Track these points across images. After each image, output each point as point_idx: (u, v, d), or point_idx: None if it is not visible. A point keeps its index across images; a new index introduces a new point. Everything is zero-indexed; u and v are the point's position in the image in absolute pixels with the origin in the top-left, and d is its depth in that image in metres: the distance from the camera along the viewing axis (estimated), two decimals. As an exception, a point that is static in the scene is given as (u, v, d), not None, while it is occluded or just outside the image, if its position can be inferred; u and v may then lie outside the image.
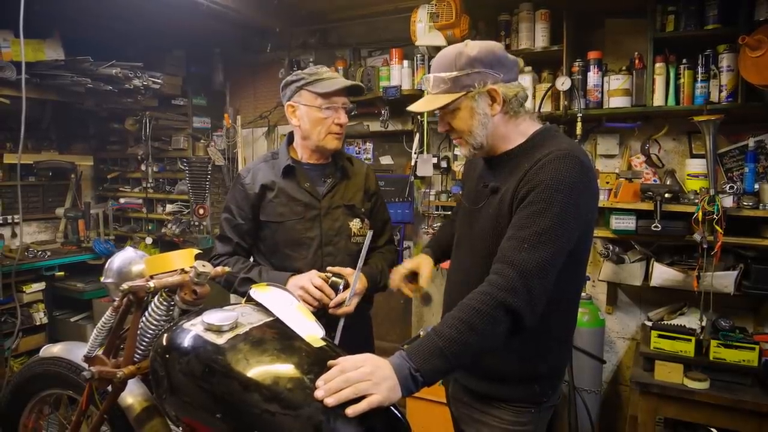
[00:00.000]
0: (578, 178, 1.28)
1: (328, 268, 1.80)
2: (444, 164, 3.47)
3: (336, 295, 1.74)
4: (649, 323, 2.71)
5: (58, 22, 3.38)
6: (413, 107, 1.49)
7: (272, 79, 4.03)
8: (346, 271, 1.80)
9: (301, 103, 1.83)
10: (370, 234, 1.77)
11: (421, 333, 2.96)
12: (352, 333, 1.77)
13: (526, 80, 2.99)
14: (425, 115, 3.33)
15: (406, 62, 3.38)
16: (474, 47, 1.36)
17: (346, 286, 1.76)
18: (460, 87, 1.36)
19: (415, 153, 3.44)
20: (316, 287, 1.72)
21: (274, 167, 1.92)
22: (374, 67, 3.52)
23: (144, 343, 1.52)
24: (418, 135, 3.43)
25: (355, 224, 1.92)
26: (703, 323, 2.53)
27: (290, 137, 1.99)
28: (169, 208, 4.23)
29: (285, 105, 1.89)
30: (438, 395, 1.73)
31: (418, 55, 3.32)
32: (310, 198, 1.89)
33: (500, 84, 1.36)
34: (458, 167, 3.40)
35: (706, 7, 2.56)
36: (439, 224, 3.38)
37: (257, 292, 1.44)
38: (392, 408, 1.18)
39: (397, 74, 3.39)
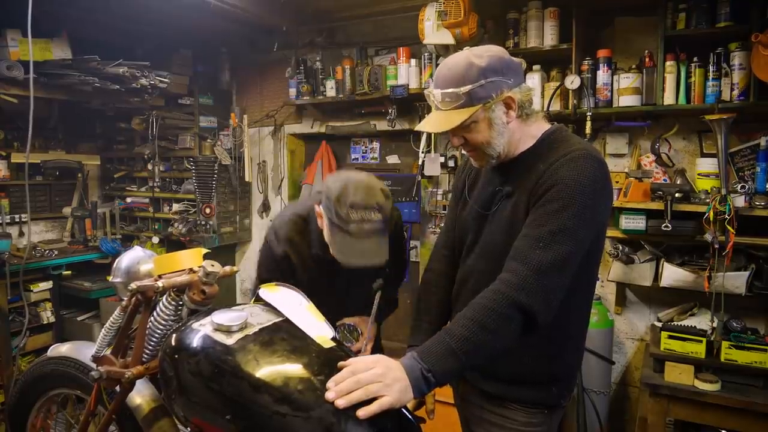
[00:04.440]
0: (598, 178, 1.26)
1: (344, 320, 1.76)
2: (451, 163, 3.45)
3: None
4: (659, 324, 2.69)
5: (66, 21, 3.38)
6: (426, 127, 1.41)
7: (279, 78, 4.02)
8: (356, 319, 1.78)
9: (324, 222, 1.61)
10: (380, 282, 1.62)
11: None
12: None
13: (534, 79, 2.97)
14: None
15: (413, 61, 3.37)
16: (482, 56, 1.30)
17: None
18: (476, 100, 1.29)
19: (422, 152, 3.43)
20: None
21: (307, 245, 1.74)
22: (381, 65, 3.51)
23: (152, 343, 1.51)
24: (425, 134, 3.41)
25: (376, 284, 1.81)
26: (714, 324, 2.51)
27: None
28: (175, 207, 4.23)
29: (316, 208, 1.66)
30: (445, 396, 1.72)
31: (426, 54, 3.30)
32: (336, 272, 1.68)
33: (514, 90, 1.33)
34: (461, 165, 3.38)
35: (718, 5, 2.53)
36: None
37: (266, 292, 1.43)
38: (403, 410, 1.17)
39: (405, 73, 3.37)
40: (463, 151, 1.46)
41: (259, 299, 1.43)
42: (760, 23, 2.41)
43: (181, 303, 1.50)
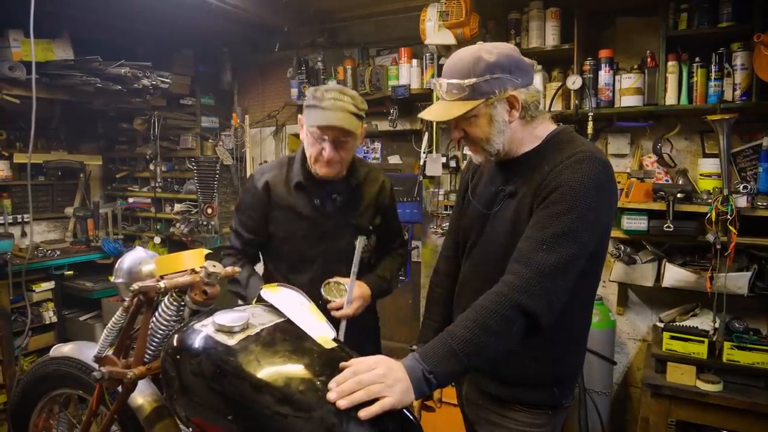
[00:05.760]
0: (602, 181, 1.26)
1: (329, 281, 1.81)
2: (453, 164, 3.45)
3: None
4: (661, 324, 2.68)
5: (68, 21, 3.39)
6: (427, 115, 1.42)
7: (280, 78, 4.03)
8: (345, 279, 1.82)
9: (303, 122, 1.82)
10: (362, 240, 1.76)
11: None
12: (355, 331, 1.77)
13: (536, 79, 2.96)
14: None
15: (415, 61, 3.37)
16: (492, 52, 1.30)
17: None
18: (479, 94, 1.30)
19: (423, 152, 3.43)
20: None
21: (288, 179, 1.91)
22: (383, 66, 3.51)
23: (154, 344, 1.51)
24: (426, 134, 3.41)
25: (361, 241, 1.89)
26: (716, 325, 2.50)
27: None
28: (177, 207, 4.24)
29: None
30: (449, 396, 1.72)
31: (427, 54, 3.30)
32: (318, 215, 1.88)
33: (519, 90, 1.32)
34: (464, 167, 3.37)
35: (720, 5, 2.53)
36: (447, 225, 3.35)
37: (268, 292, 1.44)
38: (405, 410, 1.17)
39: (406, 73, 3.38)
40: (463, 144, 1.46)
41: (260, 300, 1.43)
42: (762, 23, 2.41)
43: (182, 304, 1.50)
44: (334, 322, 1.66)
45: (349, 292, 1.76)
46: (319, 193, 1.89)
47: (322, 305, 1.69)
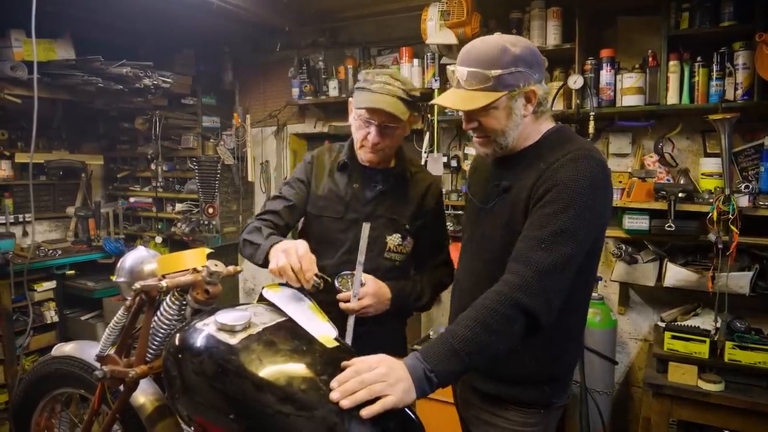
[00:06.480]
0: (598, 179, 1.26)
1: (344, 273, 1.69)
2: (454, 163, 3.45)
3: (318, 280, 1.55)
4: (662, 324, 2.68)
5: (69, 21, 3.40)
6: (444, 102, 1.38)
7: (281, 78, 4.03)
8: (365, 276, 1.69)
9: (353, 106, 1.77)
10: (366, 226, 1.63)
11: (431, 334, 2.94)
12: (377, 342, 1.58)
13: (538, 78, 2.97)
14: (435, 113, 3.30)
15: (416, 61, 3.37)
16: (516, 44, 1.29)
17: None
18: (502, 86, 1.29)
19: (424, 152, 3.42)
20: (299, 256, 1.49)
21: (335, 159, 1.86)
22: (384, 65, 3.51)
23: (156, 343, 1.51)
24: (428, 134, 3.41)
25: (393, 239, 1.78)
26: (718, 324, 2.50)
27: None
28: (178, 207, 4.24)
29: None
30: (446, 395, 1.72)
31: (429, 54, 3.30)
32: (354, 200, 1.79)
33: (537, 85, 1.33)
34: (469, 166, 3.37)
35: (721, 4, 2.53)
36: (448, 224, 3.35)
37: (269, 291, 1.44)
38: (407, 409, 1.17)
39: (407, 73, 3.37)
40: (472, 134, 1.43)
41: (262, 299, 1.43)
42: (764, 23, 2.41)
43: (184, 303, 1.50)
44: (343, 317, 1.59)
45: (355, 285, 1.61)
46: (360, 178, 1.80)
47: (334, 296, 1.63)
